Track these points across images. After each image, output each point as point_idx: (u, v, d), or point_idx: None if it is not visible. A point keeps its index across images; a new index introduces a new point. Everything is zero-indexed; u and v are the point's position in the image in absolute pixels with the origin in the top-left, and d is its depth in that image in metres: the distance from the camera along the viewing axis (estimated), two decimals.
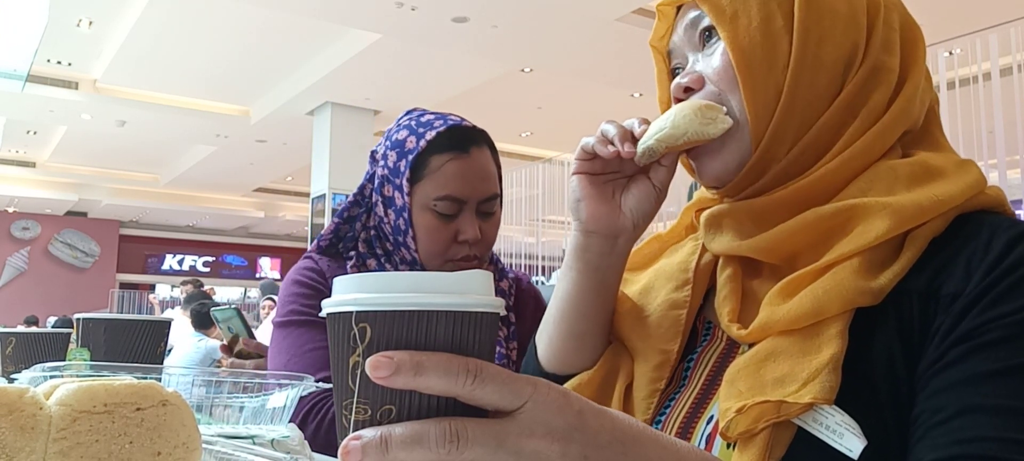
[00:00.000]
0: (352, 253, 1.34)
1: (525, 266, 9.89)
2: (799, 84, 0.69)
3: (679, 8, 0.77)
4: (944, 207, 0.63)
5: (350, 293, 0.43)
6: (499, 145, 1.36)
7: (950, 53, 5.71)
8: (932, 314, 0.60)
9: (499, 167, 1.33)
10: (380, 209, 1.30)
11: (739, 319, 0.68)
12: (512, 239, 10.13)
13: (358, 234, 1.35)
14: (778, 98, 0.69)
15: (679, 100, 0.74)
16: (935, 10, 6.36)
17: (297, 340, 1.27)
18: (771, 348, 0.62)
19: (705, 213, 0.77)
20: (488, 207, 1.29)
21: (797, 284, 0.64)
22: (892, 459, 0.58)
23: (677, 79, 0.75)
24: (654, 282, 0.80)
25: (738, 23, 0.70)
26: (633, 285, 0.82)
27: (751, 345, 0.65)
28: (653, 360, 0.73)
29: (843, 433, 0.58)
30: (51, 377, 0.75)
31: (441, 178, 1.24)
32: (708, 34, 0.73)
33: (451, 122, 1.28)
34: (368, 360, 0.41)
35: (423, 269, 1.28)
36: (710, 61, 0.73)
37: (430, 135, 1.25)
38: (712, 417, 0.67)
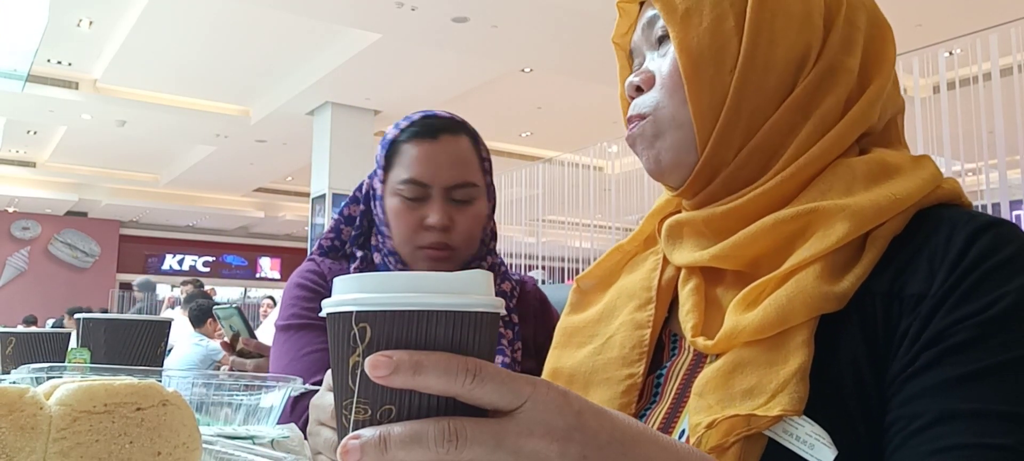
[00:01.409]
0: (359, 253, 1.35)
1: (525, 266, 9.89)
2: (746, 86, 0.68)
3: (641, 4, 0.77)
4: (903, 205, 0.63)
5: (350, 293, 0.43)
6: (499, 145, 1.37)
7: (950, 53, 5.71)
8: (896, 316, 0.59)
9: (484, 159, 1.32)
10: (373, 203, 1.34)
11: (704, 331, 0.67)
12: (512, 239, 10.13)
13: (361, 231, 1.37)
14: (724, 100, 0.69)
15: (631, 98, 0.75)
16: (935, 10, 6.37)
17: (297, 343, 1.27)
18: (738, 359, 0.62)
19: (666, 223, 0.76)
20: (462, 194, 1.28)
21: (760, 292, 0.63)
22: None
23: (629, 77, 0.75)
24: (616, 302, 0.78)
25: (689, 24, 0.70)
26: (593, 307, 0.81)
27: (718, 355, 0.64)
28: (620, 385, 0.72)
29: (814, 443, 0.57)
30: (49, 377, 0.75)
31: (406, 161, 1.27)
32: (663, 34, 0.73)
33: (430, 113, 1.31)
34: (367, 360, 0.41)
35: (399, 257, 1.30)
36: (663, 61, 0.73)
37: (404, 124, 1.30)
38: (684, 431, 0.65)
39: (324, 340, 1.24)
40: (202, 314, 5.47)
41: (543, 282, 1.73)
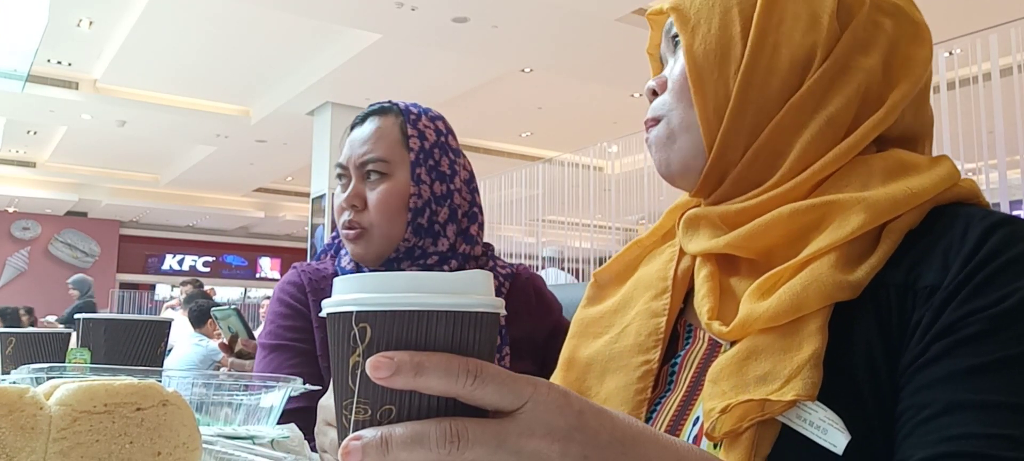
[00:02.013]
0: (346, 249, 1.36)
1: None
2: (750, 88, 0.69)
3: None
4: (918, 199, 0.64)
5: (350, 293, 0.43)
6: (499, 145, 1.36)
7: (950, 53, 5.71)
8: (910, 307, 0.60)
9: (411, 137, 1.26)
10: None
11: (719, 316, 0.68)
12: (512, 239, 10.13)
13: None
14: (727, 102, 0.70)
15: (651, 102, 0.77)
16: (935, 10, 6.35)
17: (268, 365, 1.27)
18: (752, 346, 0.62)
19: (685, 216, 0.77)
20: (372, 170, 1.25)
21: (775, 280, 0.64)
22: (876, 453, 0.58)
23: (648, 83, 0.78)
24: (633, 293, 0.80)
25: (697, 30, 0.72)
26: (610, 299, 0.82)
27: (732, 343, 0.65)
28: (636, 372, 0.73)
29: (827, 429, 0.58)
30: (49, 377, 0.75)
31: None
32: (676, 40, 0.76)
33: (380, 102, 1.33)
34: (368, 360, 0.41)
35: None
36: (675, 66, 0.75)
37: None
38: (698, 419, 0.66)
39: (294, 362, 1.24)
40: (202, 314, 5.48)
41: (542, 265, 1.69)
